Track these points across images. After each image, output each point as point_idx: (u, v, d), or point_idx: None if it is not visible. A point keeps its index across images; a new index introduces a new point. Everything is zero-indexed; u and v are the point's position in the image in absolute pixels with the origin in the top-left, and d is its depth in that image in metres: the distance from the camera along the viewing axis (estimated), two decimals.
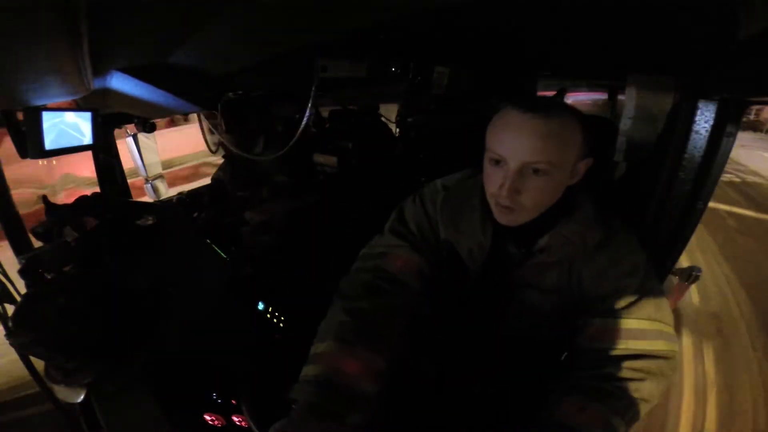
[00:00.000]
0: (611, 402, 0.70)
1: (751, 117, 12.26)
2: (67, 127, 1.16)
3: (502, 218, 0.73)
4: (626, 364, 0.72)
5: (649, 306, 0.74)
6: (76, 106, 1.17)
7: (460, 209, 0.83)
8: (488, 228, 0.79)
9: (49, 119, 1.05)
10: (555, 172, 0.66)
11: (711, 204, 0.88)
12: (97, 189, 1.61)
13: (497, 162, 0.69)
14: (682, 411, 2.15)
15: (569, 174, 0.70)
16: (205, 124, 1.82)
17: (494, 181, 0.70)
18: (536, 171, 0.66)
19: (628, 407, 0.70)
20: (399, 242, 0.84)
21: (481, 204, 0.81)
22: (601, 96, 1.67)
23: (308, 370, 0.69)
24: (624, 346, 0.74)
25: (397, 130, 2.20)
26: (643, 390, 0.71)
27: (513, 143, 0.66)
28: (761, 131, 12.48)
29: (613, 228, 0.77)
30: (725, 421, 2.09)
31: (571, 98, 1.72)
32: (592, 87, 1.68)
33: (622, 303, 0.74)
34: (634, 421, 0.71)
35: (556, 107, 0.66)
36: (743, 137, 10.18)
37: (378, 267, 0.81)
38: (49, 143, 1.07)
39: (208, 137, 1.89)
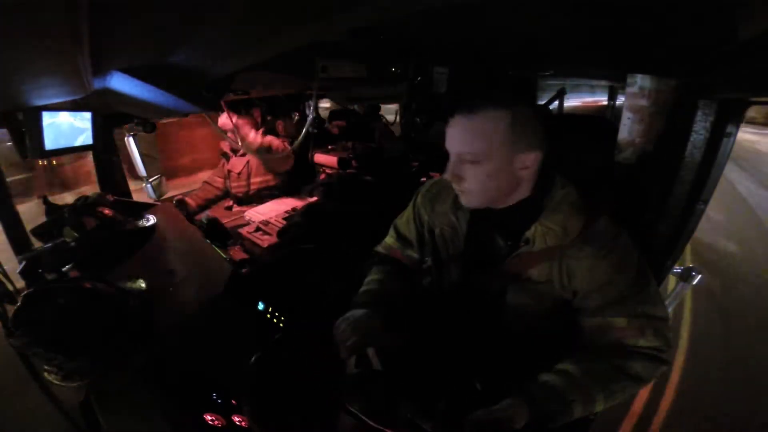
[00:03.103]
0: (596, 373, 0.74)
1: None
2: (68, 127, 1.16)
3: (462, 201, 0.82)
4: (621, 354, 0.75)
5: (644, 303, 0.75)
6: (76, 106, 1.17)
7: (439, 194, 0.94)
8: (463, 213, 0.87)
9: (49, 119, 1.06)
10: (485, 161, 0.74)
11: None
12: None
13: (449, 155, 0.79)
14: None
15: (508, 164, 0.74)
16: (228, 122, 1.82)
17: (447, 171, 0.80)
18: (468, 161, 0.75)
19: (612, 380, 0.73)
20: (393, 235, 1.05)
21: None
22: None
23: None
24: (620, 343, 0.75)
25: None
26: (631, 369, 0.74)
27: (449, 138, 0.77)
28: None
29: (601, 222, 0.77)
30: None
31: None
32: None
33: (617, 301, 0.75)
34: (617, 394, 0.74)
35: (481, 105, 0.73)
36: None
37: (386, 255, 1.05)
38: (49, 143, 1.07)
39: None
